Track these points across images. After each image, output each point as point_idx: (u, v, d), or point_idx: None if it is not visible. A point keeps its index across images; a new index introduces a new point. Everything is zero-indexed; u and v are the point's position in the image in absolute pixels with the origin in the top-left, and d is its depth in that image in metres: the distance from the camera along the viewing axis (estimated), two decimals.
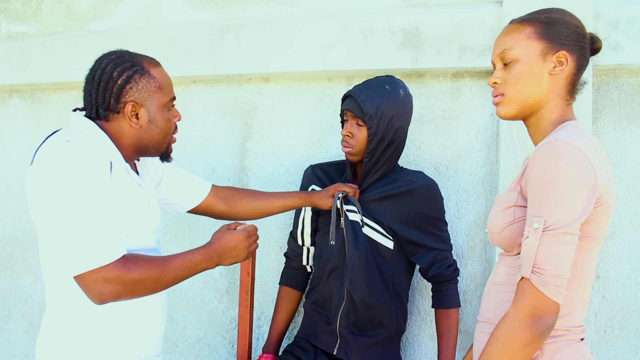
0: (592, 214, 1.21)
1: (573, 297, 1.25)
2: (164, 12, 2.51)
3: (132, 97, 1.48)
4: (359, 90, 1.89)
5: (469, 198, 2.14)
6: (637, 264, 2.01)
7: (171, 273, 1.43)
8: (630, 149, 2.03)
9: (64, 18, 2.67)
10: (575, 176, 1.18)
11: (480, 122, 2.14)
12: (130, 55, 1.53)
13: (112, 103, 1.47)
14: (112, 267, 1.32)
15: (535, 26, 1.34)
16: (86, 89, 1.50)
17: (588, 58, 1.36)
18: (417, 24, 2.13)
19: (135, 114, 1.49)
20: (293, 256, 2.14)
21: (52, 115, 2.67)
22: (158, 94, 1.52)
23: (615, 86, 2.05)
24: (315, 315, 2.00)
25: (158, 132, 1.54)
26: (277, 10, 2.37)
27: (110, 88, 1.46)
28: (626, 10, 1.97)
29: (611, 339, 2.02)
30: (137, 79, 1.48)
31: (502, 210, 1.33)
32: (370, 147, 1.87)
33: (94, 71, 1.50)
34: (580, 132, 1.25)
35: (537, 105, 1.35)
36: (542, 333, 1.17)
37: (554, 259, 1.17)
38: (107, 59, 1.51)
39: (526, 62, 1.33)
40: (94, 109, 1.48)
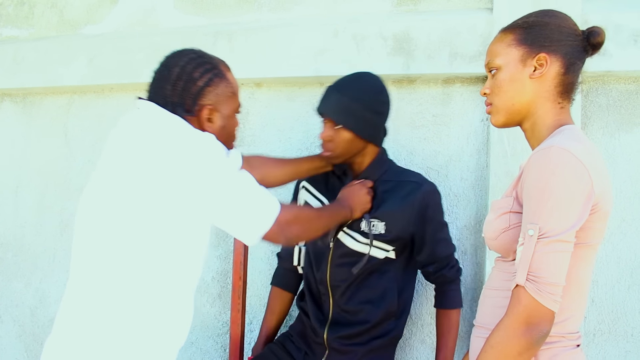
0: (588, 220, 1.20)
1: (569, 303, 1.24)
2: (157, 17, 2.52)
3: (210, 100, 1.44)
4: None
5: (459, 203, 2.16)
6: (626, 268, 2.03)
7: (325, 217, 1.60)
8: (618, 154, 2.05)
9: (57, 22, 2.68)
10: (570, 183, 1.16)
11: (470, 128, 2.15)
12: (209, 56, 1.48)
13: (190, 104, 1.41)
14: (284, 212, 1.39)
15: (516, 33, 1.34)
16: (158, 85, 1.43)
17: (580, 55, 1.33)
18: (408, 30, 2.15)
19: (209, 118, 1.45)
20: (285, 256, 2.13)
21: (44, 119, 2.67)
22: (232, 100, 1.50)
23: (604, 92, 2.08)
24: (306, 321, 1.98)
25: (226, 139, 1.51)
26: (269, 16, 2.38)
27: (190, 88, 1.41)
28: (614, 17, 1.99)
29: (600, 342, 2.04)
30: (217, 82, 1.45)
31: (497, 216, 1.32)
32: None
33: (171, 68, 1.43)
34: (576, 137, 1.24)
35: (525, 110, 1.34)
36: (537, 341, 1.16)
37: (549, 266, 1.16)
38: (186, 57, 1.44)
39: (507, 69, 1.33)
40: (167, 106, 1.41)
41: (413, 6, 2.24)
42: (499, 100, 1.35)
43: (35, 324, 2.62)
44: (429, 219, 1.87)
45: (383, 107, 1.87)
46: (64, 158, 2.63)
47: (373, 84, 1.86)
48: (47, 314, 2.60)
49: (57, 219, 2.61)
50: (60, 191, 2.62)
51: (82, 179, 2.57)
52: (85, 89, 2.59)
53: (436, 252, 1.89)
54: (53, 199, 2.63)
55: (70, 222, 2.58)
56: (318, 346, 1.93)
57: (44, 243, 2.63)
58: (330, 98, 1.83)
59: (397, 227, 1.84)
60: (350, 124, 1.80)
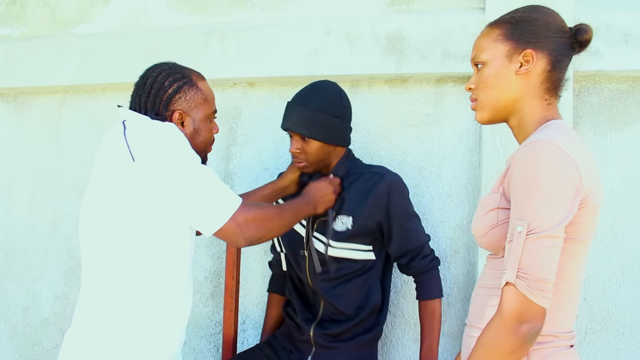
0: (577, 215, 1.17)
1: (560, 301, 1.22)
2: (149, 16, 2.51)
3: (180, 106, 1.58)
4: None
5: (452, 202, 2.16)
6: (617, 266, 2.04)
7: (288, 213, 1.64)
8: (610, 153, 2.06)
9: (48, 21, 2.67)
10: (558, 177, 1.14)
11: (463, 127, 2.16)
12: (180, 67, 1.64)
13: (161, 110, 1.57)
14: (243, 209, 1.46)
15: (503, 28, 1.33)
16: (136, 94, 1.60)
17: (567, 52, 1.32)
18: (400, 30, 2.15)
19: (181, 122, 1.59)
20: (275, 263, 2.16)
21: (35, 119, 2.66)
22: (203, 106, 1.63)
23: (595, 92, 2.09)
24: (291, 324, 2.01)
25: (200, 141, 1.64)
26: (262, 15, 2.38)
27: (161, 96, 1.56)
28: (605, 17, 2.00)
29: (592, 340, 2.05)
30: (186, 89, 1.59)
31: (485, 213, 1.30)
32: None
33: (146, 78, 1.59)
34: (563, 131, 1.22)
35: (510, 107, 1.33)
36: (529, 339, 1.14)
37: (539, 263, 1.13)
38: (159, 68, 1.61)
39: (493, 65, 1.32)
40: (142, 112, 1.56)
41: (405, 6, 2.24)
42: (484, 96, 1.34)
43: (27, 324, 2.60)
44: (394, 208, 1.87)
45: (344, 110, 1.92)
46: (56, 158, 2.62)
47: (330, 91, 1.90)
48: (39, 315, 2.59)
49: (49, 219, 2.60)
50: (52, 191, 2.61)
51: (74, 179, 2.57)
52: (77, 89, 2.58)
53: (406, 243, 1.89)
54: (45, 199, 2.62)
55: (63, 223, 2.57)
56: (304, 344, 1.95)
57: (36, 243, 2.62)
58: (293, 113, 1.88)
59: (362, 218, 1.86)
60: (316, 134, 1.85)
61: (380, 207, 1.86)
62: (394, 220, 1.87)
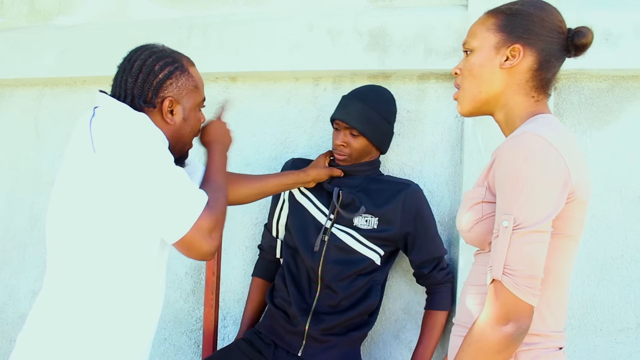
0: (565, 209, 1.14)
1: (547, 298, 1.18)
2: (131, 9, 2.48)
3: (170, 92, 1.46)
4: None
5: (433, 199, 2.17)
6: (596, 263, 2.06)
7: (224, 186, 1.50)
8: (590, 151, 2.08)
9: (27, 12, 2.62)
10: (545, 171, 1.10)
11: (445, 124, 2.16)
12: (170, 50, 1.52)
13: (151, 96, 1.45)
14: (207, 215, 1.33)
15: (498, 17, 1.28)
16: (121, 78, 1.47)
17: (558, 53, 1.27)
18: (383, 26, 2.15)
19: (170, 110, 1.48)
20: (267, 248, 2.15)
21: (14, 111, 2.62)
22: (194, 93, 1.52)
23: (576, 90, 2.10)
24: (279, 314, 1.99)
25: (188, 131, 1.54)
26: (244, 10, 2.37)
27: (151, 81, 1.44)
28: (586, 16, 2.01)
29: (570, 337, 2.06)
30: (178, 75, 1.48)
31: (469, 207, 1.26)
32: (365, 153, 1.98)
33: (133, 61, 1.46)
34: (551, 124, 1.19)
35: (493, 100, 1.29)
36: (517, 337, 1.10)
37: (526, 259, 1.10)
38: (147, 50, 1.48)
39: (480, 53, 1.28)
40: (128, 98, 1.45)
41: (389, 2, 2.24)
42: (467, 85, 1.30)
43: (4, 320, 2.57)
44: (422, 217, 1.97)
45: (394, 117, 2.05)
46: (35, 151, 2.58)
47: (387, 96, 2.02)
48: (16, 311, 2.55)
49: (27, 214, 2.57)
50: (31, 185, 2.57)
51: (53, 173, 2.53)
52: (56, 81, 2.55)
53: (432, 251, 1.98)
54: (23, 193, 2.58)
55: (41, 217, 2.54)
56: (294, 336, 1.94)
57: (13, 238, 2.58)
58: (350, 106, 1.95)
59: (390, 224, 1.94)
60: (368, 132, 1.94)
61: (409, 217, 1.95)
62: (420, 229, 1.96)
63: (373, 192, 1.97)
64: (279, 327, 1.97)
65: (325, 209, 1.99)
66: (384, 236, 1.93)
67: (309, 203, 2.02)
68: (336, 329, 1.92)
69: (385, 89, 2.04)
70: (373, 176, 2.03)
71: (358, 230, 1.94)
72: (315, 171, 1.99)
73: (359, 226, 1.94)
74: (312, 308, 1.94)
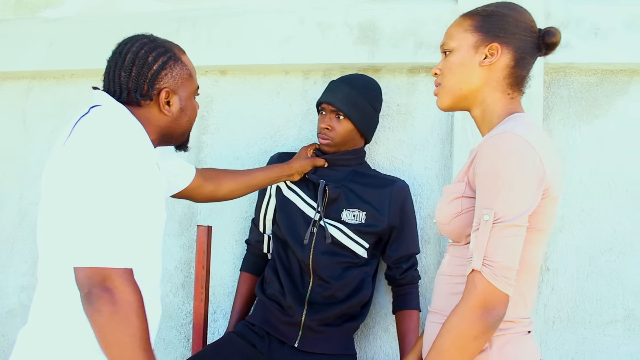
0: (539, 205, 1.22)
1: (520, 288, 1.26)
2: (120, 1, 2.46)
3: (166, 83, 1.44)
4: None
5: (423, 192, 2.17)
6: (585, 257, 2.07)
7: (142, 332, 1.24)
8: (579, 145, 2.09)
9: (14, 4, 2.59)
10: (523, 168, 1.18)
11: (435, 118, 2.17)
12: (161, 40, 1.48)
13: (147, 89, 1.41)
14: (120, 276, 1.20)
15: (474, 19, 1.37)
16: (113, 72, 1.43)
17: (531, 52, 1.35)
18: (373, 19, 2.15)
19: (167, 102, 1.45)
20: (254, 243, 2.15)
21: (1, 104, 2.59)
22: (189, 82, 1.50)
23: (565, 84, 2.11)
24: (272, 306, 1.98)
25: (186, 121, 1.52)
26: (234, 3, 2.35)
27: (145, 73, 1.41)
28: (575, 10, 2.02)
29: (559, 329, 2.08)
30: (172, 65, 1.45)
31: (450, 201, 1.33)
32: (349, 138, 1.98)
33: (124, 54, 1.42)
34: (528, 124, 1.26)
35: (472, 97, 1.36)
36: (493, 324, 1.18)
37: (504, 251, 1.17)
38: (138, 42, 1.44)
39: (459, 53, 1.36)
40: (124, 93, 1.41)
41: None
42: (447, 82, 1.38)
43: None
44: (406, 213, 2.00)
45: (379, 105, 2.04)
46: (23, 145, 2.56)
47: (374, 84, 2.03)
48: (4, 305, 2.53)
49: (15, 208, 2.55)
50: (19, 179, 2.55)
51: (41, 167, 2.47)
52: (44, 74, 2.52)
53: (410, 247, 2.01)
54: (11, 187, 2.56)
55: (30, 211, 2.52)
56: (290, 327, 1.94)
57: (2, 232, 2.56)
58: (337, 89, 1.96)
59: (377, 219, 1.95)
60: (354, 115, 1.94)
61: (396, 212, 1.97)
62: (404, 224, 1.99)
63: (360, 186, 1.98)
64: (273, 318, 1.97)
65: (313, 202, 1.99)
66: (372, 230, 1.94)
67: (297, 197, 2.02)
68: (332, 320, 1.93)
69: (374, 79, 2.05)
70: (360, 169, 2.03)
71: (346, 225, 1.94)
72: (297, 163, 2.00)
73: (347, 220, 1.94)
74: (307, 298, 1.94)
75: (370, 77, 2.04)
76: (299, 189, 2.03)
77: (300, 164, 2.00)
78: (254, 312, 2.05)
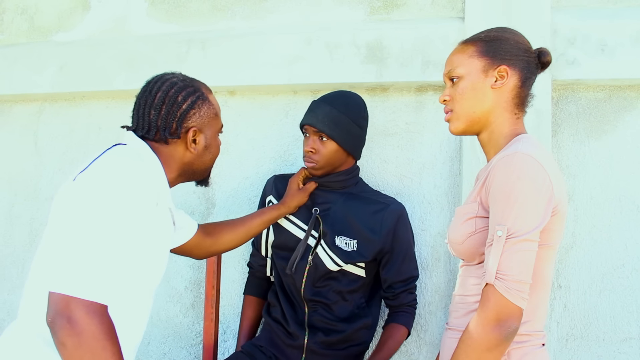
0: (549, 222, 1.27)
1: (535, 302, 1.31)
2: (130, 24, 2.50)
3: (194, 122, 1.48)
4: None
5: (433, 210, 2.17)
6: (597, 273, 2.05)
7: None
8: (588, 161, 2.08)
9: (27, 29, 2.64)
10: (535, 186, 1.24)
11: (443, 135, 2.17)
12: (189, 79, 1.53)
13: (175, 127, 1.46)
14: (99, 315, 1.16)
15: (477, 45, 1.42)
16: (143, 110, 1.47)
17: (534, 71, 1.43)
18: (381, 39, 2.16)
19: (193, 140, 1.49)
20: (257, 267, 2.14)
21: (13, 126, 2.63)
22: (215, 121, 1.54)
23: (574, 100, 2.11)
24: (278, 328, 1.98)
25: (210, 158, 1.56)
26: (242, 24, 2.38)
27: (175, 112, 1.45)
28: (582, 26, 2.03)
29: (573, 347, 2.05)
30: (200, 104, 1.49)
31: (463, 222, 1.37)
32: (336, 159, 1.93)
33: (154, 93, 1.47)
34: (536, 145, 1.33)
35: (484, 119, 1.41)
36: (506, 337, 1.21)
37: (516, 265, 1.22)
38: (168, 81, 1.49)
39: (469, 78, 1.41)
40: (152, 131, 1.45)
41: (386, 15, 2.26)
42: (460, 107, 1.42)
43: None
44: (398, 238, 1.94)
45: (365, 122, 1.99)
46: (34, 167, 2.58)
47: (358, 100, 1.98)
48: None
49: (26, 229, 2.56)
50: (30, 201, 2.57)
51: (52, 189, 2.53)
52: (56, 97, 2.56)
53: (402, 272, 1.95)
54: (22, 209, 2.58)
55: (40, 232, 2.53)
56: (294, 350, 1.94)
57: (12, 254, 2.57)
58: (318, 110, 1.91)
59: (368, 246, 1.91)
60: (337, 136, 1.89)
61: (387, 236, 1.92)
62: (396, 248, 1.94)
63: (352, 211, 1.94)
64: (279, 341, 1.97)
65: (305, 226, 1.97)
66: (363, 260, 1.92)
67: (290, 224, 2.00)
68: (335, 343, 1.92)
69: (356, 94, 2.00)
70: (354, 191, 2.00)
71: (339, 252, 1.91)
72: (293, 201, 1.97)
73: (340, 246, 1.91)
74: (306, 323, 1.94)
75: (353, 93, 2.00)
76: (294, 217, 2.00)
77: (297, 200, 1.97)
78: (261, 334, 2.06)
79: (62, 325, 1.14)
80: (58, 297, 1.15)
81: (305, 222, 1.97)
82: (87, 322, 1.14)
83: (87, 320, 1.14)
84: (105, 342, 1.16)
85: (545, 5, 2.04)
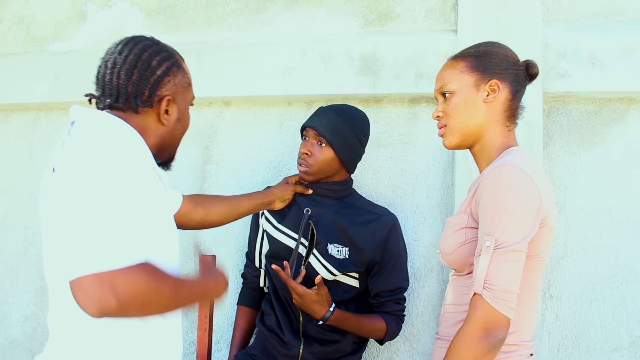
0: (537, 233, 1.28)
1: (523, 313, 1.32)
2: (126, 34, 2.47)
3: (168, 91, 1.33)
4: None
5: (425, 221, 2.18)
6: (588, 283, 2.07)
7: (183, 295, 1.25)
8: (579, 172, 2.10)
9: (23, 39, 2.65)
10: (523, 198, 1.26)
11: (436, 147, 2.19)
12: (163, 44, 1.38)
13: (148, 94, 1.30)
14: (125, 272, 1.08)
15: (467, 60, 1.44)
16: (110, 73, 1.30)
17: (523, 83, 1.46)
18: (375, 51, 2.19)
19: (166, 110, 1.34)
20: (251, 278, 2.14)
21: (8, 135, 2.63)
22: (188, 92, 1.41)
23: (565, 112, 2.13)
24: (272, 337, 1.99)
25: (180, 132, 1.41)
26: (238, 35, 2.40)
27: (148, 77, 1.30)
28: (572, 40, 2.06)
29: (564, 357, 2.07)
30: (175, 71, 1.35)
31: (453, 232, 1.39)
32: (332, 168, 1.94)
33: (125, 55, 1.30)
34: (525, 157, 1.35)
35: (477, 133, 1.43)
36: (494, 346, 1.23)
37: (504, 275, 1.23)
38: (141, 43, 1.33)
39: (461, 94, 1.43)
40: (122, 98, 1.29)
41: (380, 27, 2.28)
42: (454, 122, 1.44)
43: None
44: (389, 248, 1.94)
45: (365, 139, 2.00)
46: (29, 176, 2.58)
47: (363, 117, 1.99)
48: (8, 336, 2.53)
49: (20, 238, 2.56)
50: (24, 210, 2.57)
51: None
52: (51, 106, 2.57)
53: (389, 283, 1.94)
54: (17, 218, 2.58)
55: (34, 241, 2.53)
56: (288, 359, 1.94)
57: (6, 263, 2.57)
58: (324, 115, 1.92)
59: (360, 254, 1.91)
60: (336, 144, 1.90)
61: (378, 247, 1.92)
62: (386, 258, 1.93)
63: (344, 220, 1.94)
64: (273, 350, 1.97)
65: (296, 235, 1.97)
66: (355, 269, 1.92)
67: (280, 234, 2.00)
68: (329, 354, 1.93)
69: (363, 113, 2.01)
70: (349, 200, 2.00)
71: (332, 260, 1.91)
72: (277, 190, 1.97)
73: (333, 254, 1.91)
74: (301, 332, 1.95)
75: (360, 110, 2.01)
76: (283, 226, 2.00)
77: (280, 189, 1.97)
78: (255, 343, 2.06)
79: (112, 302, 1.07)
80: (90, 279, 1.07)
81: (296, 229, 1.97)
82: (131, 284, 1.09)
83: (130, 282, 1.08)
84: (156, 283, 1.13)
85: (537, 19, 2.07)
